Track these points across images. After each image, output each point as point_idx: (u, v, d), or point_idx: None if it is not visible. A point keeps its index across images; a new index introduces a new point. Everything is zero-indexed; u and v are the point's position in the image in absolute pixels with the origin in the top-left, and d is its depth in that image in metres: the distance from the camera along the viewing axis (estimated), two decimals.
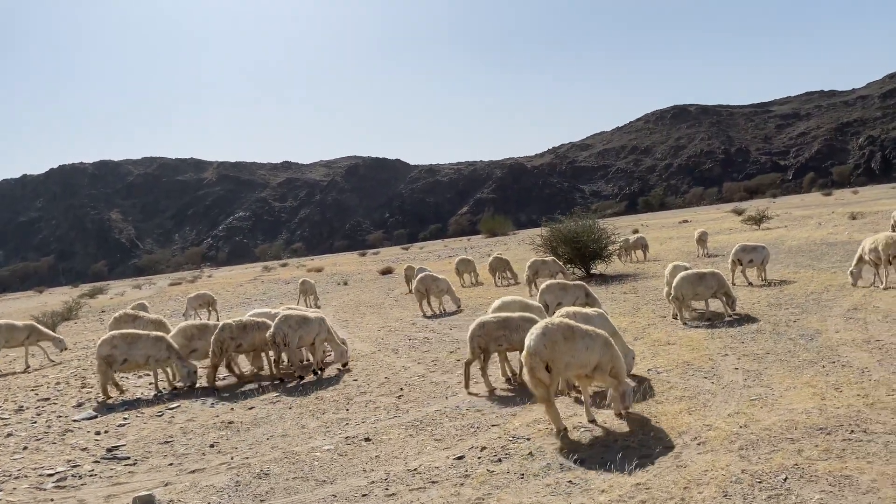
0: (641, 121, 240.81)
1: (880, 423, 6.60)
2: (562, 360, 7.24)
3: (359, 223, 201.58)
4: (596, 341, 7.54)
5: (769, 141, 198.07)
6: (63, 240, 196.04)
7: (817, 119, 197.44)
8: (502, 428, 7.69)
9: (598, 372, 7.59)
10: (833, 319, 11.63)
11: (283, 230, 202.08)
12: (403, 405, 9.19)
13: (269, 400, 10.23)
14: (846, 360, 9.05)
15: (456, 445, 7.25)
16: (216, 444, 8.05)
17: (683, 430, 7.06)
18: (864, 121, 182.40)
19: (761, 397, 7.86)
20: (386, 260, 62.86)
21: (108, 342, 11.10)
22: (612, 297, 18.10)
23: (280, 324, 11.56)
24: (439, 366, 11.66)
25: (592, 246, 23.65)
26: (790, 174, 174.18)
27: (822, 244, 24.10)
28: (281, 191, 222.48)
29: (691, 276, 13.36)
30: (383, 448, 7.40)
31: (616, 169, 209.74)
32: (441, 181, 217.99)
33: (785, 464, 5.90)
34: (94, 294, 59.46)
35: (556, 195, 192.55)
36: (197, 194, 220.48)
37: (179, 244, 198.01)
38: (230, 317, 24.14)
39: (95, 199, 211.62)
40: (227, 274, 77.48)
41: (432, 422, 8.22)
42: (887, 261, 13.72)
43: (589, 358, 7.44)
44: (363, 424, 8.39)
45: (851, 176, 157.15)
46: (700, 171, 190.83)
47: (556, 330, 7.31)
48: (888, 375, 8.13)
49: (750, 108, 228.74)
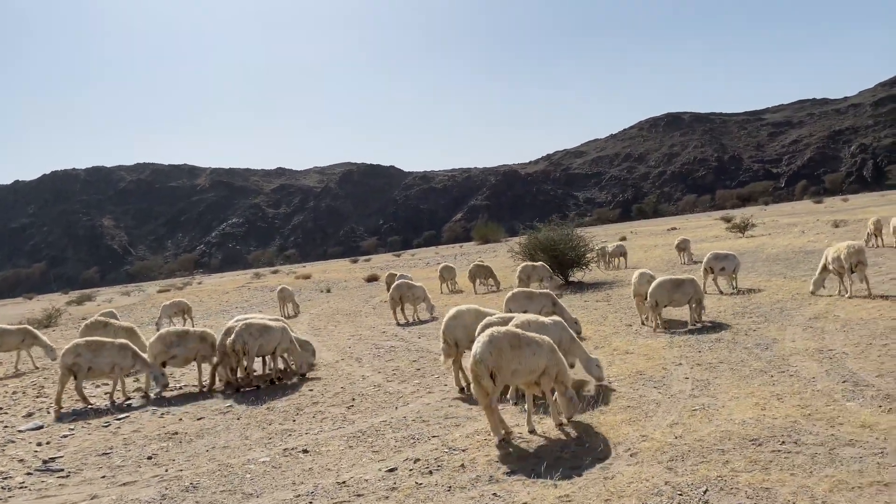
0: (635, 128, 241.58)
1: (812, 435, 6.57)
2: (508, 367, 7.24)
3: (353, 230, 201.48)
4: (542, 347, 7.55)
5: (762, 149, 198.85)
6: (55, 246, 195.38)
7: (809, 127, 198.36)
8: (441, 439, 7.64)
9: (544, 378, 7.58)
10: (792, 329, 11.62)
11: (276, 237, 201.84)
12: (352, 416, 9.12)
13: (220, 410, 10.16)
14: (795, 369, 9.03)
15: (392, 457, 7.19)
16: (154, 456, 7.97)
17: (619, 440, 7.03)
18: (856, 129, 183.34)
19: (703, 408, 7.83)
20: (376, 267, 62.78)
21: (71, 351, 10.99)
22: (585, 305, 18.07)
23: (241, 332, 11.49)
24: (398, 375, 11.61)
25: (570, 254, 23.66)
26: (783, 182, 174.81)
27: (800, 252, 24.11)
28: (274, 197, 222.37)
29: (667, 283, 13.37)
30: (319, 460, 7.33)
31: (610, 176, 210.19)
32: (435, 188, 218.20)
33: (709, 475, 5.86)
34: (82, 301, 59.09)
35: (549, 202, 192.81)
36: (190, 200, 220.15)
37: (172, 251, 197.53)
38: (206, 325, 24.05)
39: (88, 205, 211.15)
40: (218, 281, 77.15)
41: (375, 433, 8.16)
42: (850, 269, 13.71)
43: (536, 364, 7.45)
44: (305, 436, 8.32)
45: (843, 184, 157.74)
46: (693, 179, 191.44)
47: (503, 338, 7.30)
48: (832, 385, 8.11)
49: (743, 116, 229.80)
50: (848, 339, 10.33)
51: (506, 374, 7.26)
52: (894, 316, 11.54)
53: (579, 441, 7.17)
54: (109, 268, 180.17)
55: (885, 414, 6.91)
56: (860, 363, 8.91)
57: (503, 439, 7.30)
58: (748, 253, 26.27)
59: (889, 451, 5.98)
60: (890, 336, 10.15)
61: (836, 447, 6.21)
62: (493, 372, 7.16)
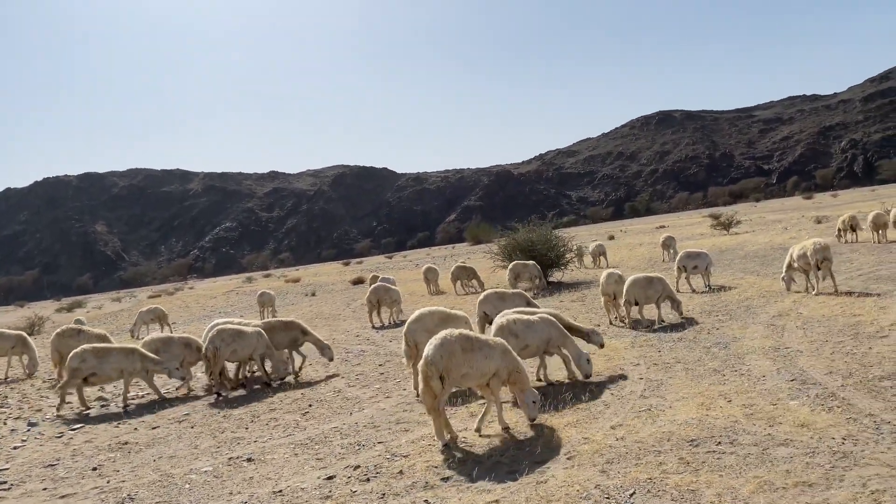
0: (627, 127, 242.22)
1: (750, 434, 6.57)
2: (458, 370, 7.26)
3: (346, 232, 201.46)
4: (494, 350, 7.56)
5: (753, 145, 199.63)
6: (48, 253, 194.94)
7: (800, 123, 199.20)
8: (387, 445, 7.61)
9: (494, 380, 7.58)
10: (754, 327, 11.63)
11: (270, 240, 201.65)
12: (305, 422, 9.09)
13: (177, 418, 10.11)
14: (748, 368, 9.04)
15: (334, 465, 7.15)
16: (100, 467, 7.91)
17: (561, 443, 7.01)
18: (846, 124, 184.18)
19: (649, 409, 7.82)
20: (367, 269, 62.72)
21: (77, 356, 11.01)
22: (560, 305, 18.05)
23: (213, 337, 11.52)
24: (361, 380, 11.57)
25: (549, 255, 23.67)
26: (774, 178, 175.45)
27: (778, 249, 24.13)
28: (268, 201, 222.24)
29: (641, 280, 13.68)
30: (262, 469, 7.29)
31: (602, 175, 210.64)
32: (428, 189, 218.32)
33: (639, 478, 5.85)
34: (72, 308, 58.93)
35: (543, 201, 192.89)
36: (183, 205, 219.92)
37: (166, 256, 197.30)
38: (186, 331, 23.99)
39: (80, 211, 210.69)
40: (210, 286, 76.98)
41: (323, 440, 8.13)
42: (815, 266, 13.77)
43: (487, 367, 7.46)
44: (254, 444, 8.28)
45: (834, 179, 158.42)
46: (685, 177, 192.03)
47: (455, 341, 7.31)
48: (782, 384, 8.12)
49: (734, 114, 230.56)
50: (805, 337, 10.34)
51: (455, 376, 7.29)
52: (855, 313, 11.57)
53: (521, 444, 7.15)
54: (103, 274, 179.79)
55: (824, 413, 6.91)
56: (812, 361, 8.91)
57: (447, 444, 7.28)
58: (728, 250, 26.33)
59: (820, 450, 5.98)
60: (846, 333, 10.17)
61: (769, 447, 6.21)
62: (442, 374, 7.16)
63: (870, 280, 14.85)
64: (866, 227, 24.48)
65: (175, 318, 31.70)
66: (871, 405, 6.98)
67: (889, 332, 9.83)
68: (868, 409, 6.88)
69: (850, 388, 7.63)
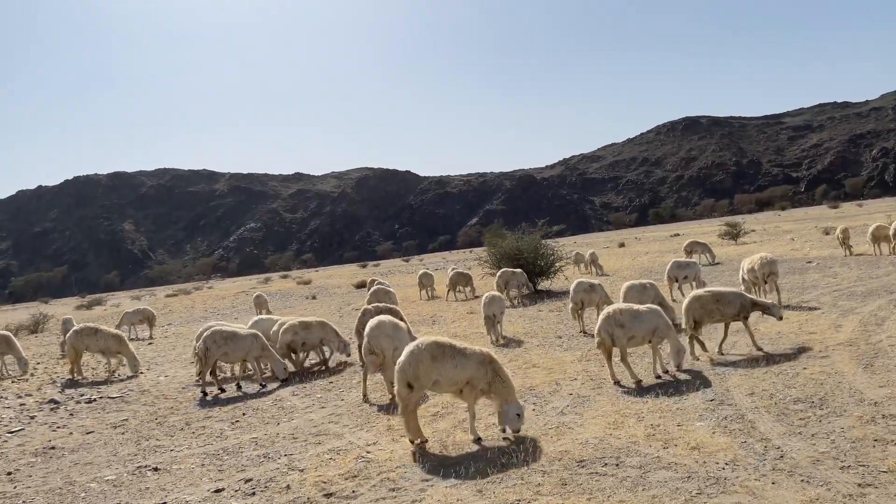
0: (653, 132, 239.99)
1: (640, 457, 6.46)
2: (428, 377, 7.44)
3: (368, 234, 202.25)
4: (469, 360, 7.60)
5: (781, 153, 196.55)
6: (76, 250, 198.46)
7: (830, 131, 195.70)
8: (291, 458, 7.60)
9: (467, 388, 7.63)
10: (707, 343, 11.42)
11: (293, 241, 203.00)
12: (230, 432, 9.13)
13: (114, 423, 10.23)
14: (675, 385, 8.91)
15: (230, 477, 7.16)
16: (15, 472, 8.02)
17: (458, 461, 6.96)
18: (878, 133, 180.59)
19: (561, 426, 7.74)
20: (381, 272, 62.99)
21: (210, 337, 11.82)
22: (537, 315, 17.94)
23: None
24: (307, 388, 11.59)
25: (539, 262, 23.57)
26: (802, 186, 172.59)
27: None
28: (292, 202, 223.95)
29: (637, 287, 13.89)
30: (162, 479, 7.33)
31: (627, 181, 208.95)
32: (451, 192, 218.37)
33: (508, 499, 5.79)
34: (92, 305, 59.91)
35: (565, 206, 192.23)
36: (209, 205, 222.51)
37: (191, 255, 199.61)
38: (176, 332, 24.27)
39: (109, 210, 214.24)
40: (230, 285, 77.75)
41: (236, 451, 8.15)
42: (762, 280, 13.88)
43: (459, 376, 7.54)
44: (170, 452, 8.34)
45: (865, 188, 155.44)
46: (711, 183, 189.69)
47: (426, 350, 7.48)
48: (699, 403, 7.99)
49: (762, 120, 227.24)
50: (748, 354, 10.16)
51: (425, 383, 7.47)
52: (811, 330, 11.36)
53: (419, 458, 7.10)
54: (129, 272, 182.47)
55: (723, 435, 6.78)
56: (741, 381, 8.75)
57: (419, 446, 7.48)
58: (727, 262, 26.02)
59: (698, 475, 5.86)
60: (790, 352, 9.97)
61: (651, 470, 6.10)
62: (410, 381, 7.39)
63: (842, 296, 14.56)
64: (867, 239, 24.04)
65: (175, 318, 32.11)
66: (773, 428, 6.83)
67: (831, 353, 9.62)
68: (767, 432, 6.74)
69: (762, 410, 7.47)
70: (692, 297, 10.72)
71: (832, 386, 8.03)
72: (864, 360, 9.03)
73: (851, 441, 6.23)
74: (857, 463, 5.74)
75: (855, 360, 9.03)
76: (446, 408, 9.09)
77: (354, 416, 9.26)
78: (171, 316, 33.54)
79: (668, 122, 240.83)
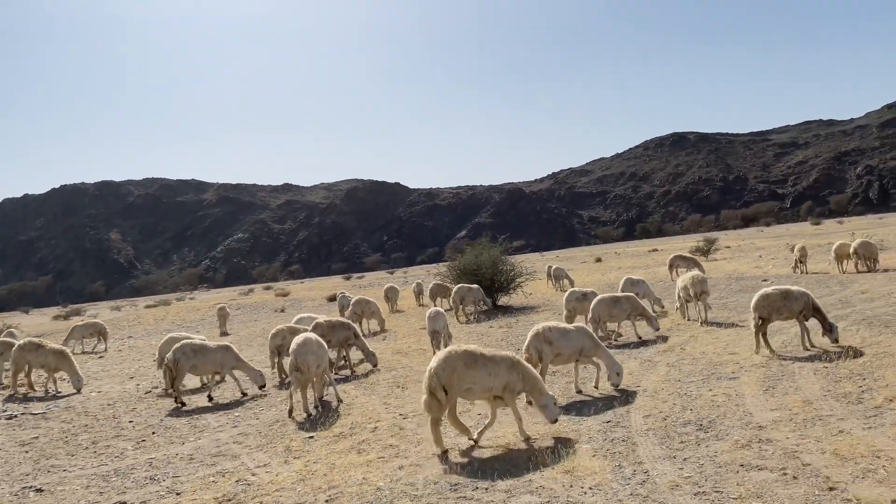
0: (641, 147, 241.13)
1: (511, 480, 6.39)
2: (461, 384, 7.51)
3: (357, 246, 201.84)
4: (499, 366, 7.71)
5: (767, 169, 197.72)
6: (62, 259, 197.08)
7: (815, 148, 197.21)
8: (175, 481, 7.49)
9: (508, 394, 7.75)
10: (630, 363, 11.41)
11: (281, 252, 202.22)
12: (132, 451, 9.02)
13: (25, 441, 10.09)
14: (582, 407, 8.90)
15: (108, 500, 7.06)
16: None
17: (338, 484, 6.85)
18: (863, 150, 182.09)
19: (453, 448, 7.67)
20: (365, 284, 62.87)
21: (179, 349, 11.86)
22: (487, 332, 17.87)
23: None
24: (231, 405, 11.49)
25: (499, 278, 23.54)
26: (788, 202, 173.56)
27: (731, 279, 23.89)
28: (280, 213, 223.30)
29: (607, 299, 13.93)
30: (42, 501, 7.23)
31: (614, 195, 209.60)
32: (440, 205, 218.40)
33: None
34: (70, 316, 59.38)
35: (553, 220, 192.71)
36: (196, 215, 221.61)
37: (178, 265, 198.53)
38: (131, 346, 24.07)
39: (95, 219, 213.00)
40: (214, 296, 77.31)
41: (127, 472, 8.03)
42: (695, 297, 14.14)
43: (493, 383, 7.65)
44: (63, 472, 8.23)
45: (849, 205, 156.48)
46: (698, 199, 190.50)
47: (458, 357, 7.57)
48: (594, 425, 8.02)
49: (748, 137, 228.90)
50: (664, 376, 10.16)
51: (458, 390, 7.55)
52: (734, 351, 11.36)
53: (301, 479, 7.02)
54: (115, 281, 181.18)
55: (602, 458, 6.74)
56: (644, 402, 8.74)
57: (441, 454, 7.45)
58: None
59: (559, 500, 5.81)
60: (704, 373, 9.98)
61: (517, 494, 6.06)
62: (444, 386, 7.40)
63: None
64: (830, 257, 24.18)
65: (140, 330, 31.88)
66: (651, 452, 6.80)
67: (741, 374, 9.62)
68: (645, 455, 6.71)
69: (650, 432, 7.45)
70: (761, 294, 11.11)
71: (727, 409, 8.01)
72: (769, 382, 9.04)
73: (718, 466, 6.21)
74: (712, 489, 5.71)
75: (760, 383, 9.03)
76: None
77: (261, 437, 9.16)
78: (137, 328, 33.29)
79: (656, 138, 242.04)
